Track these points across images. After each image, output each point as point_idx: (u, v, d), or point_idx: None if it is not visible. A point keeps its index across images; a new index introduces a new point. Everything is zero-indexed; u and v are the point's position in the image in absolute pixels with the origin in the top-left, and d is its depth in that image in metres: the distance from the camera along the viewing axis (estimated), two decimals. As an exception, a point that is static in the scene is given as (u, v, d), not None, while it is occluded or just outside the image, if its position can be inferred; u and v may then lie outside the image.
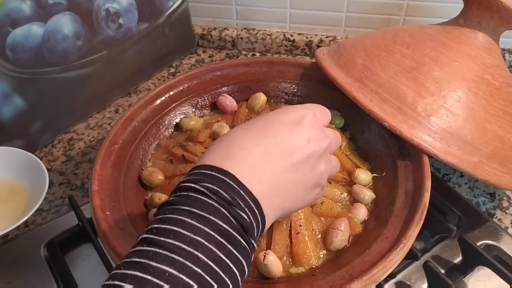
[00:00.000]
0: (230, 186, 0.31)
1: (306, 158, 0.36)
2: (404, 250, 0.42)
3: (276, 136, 0.35)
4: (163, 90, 0.61)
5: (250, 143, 0.35)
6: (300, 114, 0.38)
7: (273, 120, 0.37)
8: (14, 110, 0.66)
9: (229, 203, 0.31)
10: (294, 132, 0.36)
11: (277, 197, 0.35)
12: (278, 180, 0.35)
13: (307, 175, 0.37)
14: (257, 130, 0.36)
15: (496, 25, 0.52)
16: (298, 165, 0.36)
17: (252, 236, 0.32)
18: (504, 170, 0.49)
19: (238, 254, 0.30)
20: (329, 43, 0.88)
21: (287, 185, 0.35)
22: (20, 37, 0.62)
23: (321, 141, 0.37)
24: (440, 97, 0.49)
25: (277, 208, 0.35)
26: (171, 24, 0.85)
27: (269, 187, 0.34)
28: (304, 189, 0.37)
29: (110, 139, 0.53)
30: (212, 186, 0.31)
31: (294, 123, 0.37)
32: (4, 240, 0.59)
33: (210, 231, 0.29)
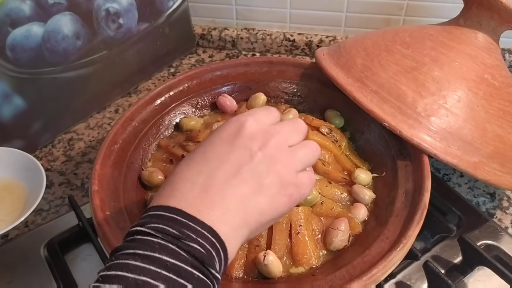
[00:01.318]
0: (177, 221, 0.30)
1: (254, 166, 0.34)
2: (404, 250, 0.42)
3: (218, 157, 0.34)
4: (163, 90, 0.61)
5: (193, 173, 0.34)
6: (237, 124, 0.36)
7: (213, 140, 0.36)
8: (14, 110, 0.66)
9: (177, 237, 0.30)
10: (233, 146, 0.35)
11: (234, 217, 0.33)
12: (231, 200, 0.33)
13: (263, 182, 0.35)
14: (198, 157, 0.35)
15: (496, 25, 0.52)
16: (248, 177, 0.34)
17: (211, 266, 0.30)
18: (504, 170, 0.49)
19: (194, 286, 0.28)
20: (329, 43, 0.88)
21: (242, 200, 0.33)
22: (20, 37, 0.62)
23: (268, 142, 0.36)
24: (440, 97, 0.49)
25: (239, 227, 0.33)
26: (171, 24, 0.85)
27: (222, 210, 0.32)
28: (269, 197, 0.35)
29: (110, 139, 0.53)
30: (158, 225, 0.30)
31: (232, 136, 0.35)
32: (4, 240, 0.59)
33: (156, 268, 0.28)
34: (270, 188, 0.35)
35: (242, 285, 0.44)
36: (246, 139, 0.35)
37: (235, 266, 0.45)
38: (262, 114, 0.38)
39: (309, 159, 0.39)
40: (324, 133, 0.56)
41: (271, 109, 0.39)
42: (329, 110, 0.60)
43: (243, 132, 0.35)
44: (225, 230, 0.32)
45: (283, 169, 0.36)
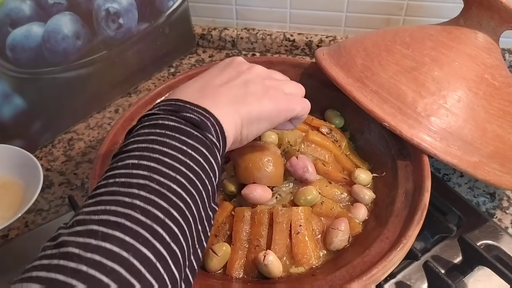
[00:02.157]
0: (176, 104, 0.37)
1: (242, 79, 0.42)
2: (404, 250, 0.42)
3: (212, 75, 0.42)
4: (163, 90, 0.61)
5: (191, 84, 0.41)
6: (230, 58, 0.45)
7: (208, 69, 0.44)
8: (14, 110, 0.66)
9: (175, 110, 0.36)
10: (226, 67, 0.44)
11: (226, 106, 0.38)
12: (222, 95, 0.39)
13: (250, 88, 0.41)
14: (196, 78, 0.43)
15: (496, 25, 0.52)
16: (237, 85, 0.41)
17: (206, 130, 0.35)
18: (504, 170, 0.49)
19: (194, 142, 0.34)
20: (329, 43, 0.88)
21: (233, 98, 0.39)
22: (20, 37, 0.62)
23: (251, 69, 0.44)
24: (440, 97, 0.49)
25: (232, 115, 0.38)
26: (171, 24, 0.85)
27: (215, 101, 0.38)
28: (257, 99, 0.40)
29: (110, 139, 0.53)
30: (160, 107, 0.37)
31: (225, 64, 0.44)
32: (4, 240, 0.59)
33: (161, 130, 0.34)
34: (256, 93, 0.41)
35: (242, 285, 0.44)
36: (236, 65, 0.44)
37: (235, 266, 0.45)
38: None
39: (294, 88, 0.46)
40: (324, 133, 0.56)
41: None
42: (329, 110, 0.60)
43: (234, 61, 0.44)
44: (219, 113, 0.37)
45: (269, 83, 0.43)
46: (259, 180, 0.48)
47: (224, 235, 0.47)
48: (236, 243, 0.46)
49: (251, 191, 0.47)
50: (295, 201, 0.49)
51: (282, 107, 0.42)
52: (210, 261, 0.45)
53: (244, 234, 0.46)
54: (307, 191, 0.48)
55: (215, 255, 0.45)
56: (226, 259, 0.46)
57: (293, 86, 0.46)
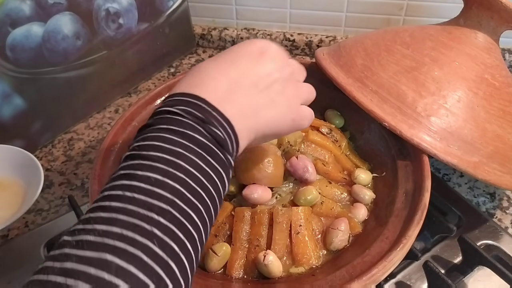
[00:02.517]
0: (202, 108, 0.34)
1: (271, 84, 0.39)
2: (404, 250, 0.42)
3: (243, 67, 0.38)
4: (163, 90, 0.61)
5: (219, 74, 0.37)
6: (263, 46, 0.41)
7: (239, 52, 0.40)
8: (14, 110, 0.66)
9: (203, 121, 0.33)
10: (258, 62, 0.39)
11: (247, 119, 0.37)
12: (248, 104, 0.37)
13: (275, 99, 0.39)
14: (224, 63, 0.39)
15: (496, 25, 0.52)
16: (265, 90, 0.38)
17: (227, 151, 0.34)
18: (504, 170, 0.49)
19: (217, 164, 0.33)
20: (329, 43, 0.88)
21: (257, 108, 0.38)
22: (20, 37, 0.62)
23: (284, 68, 0.40)
24: (440, 97, 0.49)
25: (250, 129, 0.37)
26: (171, 24, 0.85)
27: (239, 110, 0.36)
28: (277, 113, 0.39)
29: (110, 139, 0.53)
30: (186, 108, 0.33)
31: (258, 54, 0.40)
32: (4, 240, 0.59)
33: (188, 143, 0.32)
34: (278, 106, 0.39)
35: (242, 285, 0.44)
36: (269, 59, 0.40)
37: (235, 266, 0.45)
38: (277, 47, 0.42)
39: (308, 97, 0.43)
40: (324, 133, 0.56)
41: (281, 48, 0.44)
42: (329, 110, 0.60)
43: (268, 53, 0.40)
44: (239, 127, 0.35)
45: (291, 95, 0.40)
46: (259, 180, 0.48)
47: (224, 235, 0.47)
48: (236, 243, 0.46)
49: (252, 192, 0.47)
50: (295, 201, 0.49)
51: (296, 124, 0.41)
52: (210, 261, 0.45)
53: (244, 234, 0.46)
54: (307, 191, 0.48)
55: (215, 255, 0.45)
56: (226, 259, 0.46)
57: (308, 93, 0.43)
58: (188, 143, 0.31)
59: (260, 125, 0.38)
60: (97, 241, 0.26)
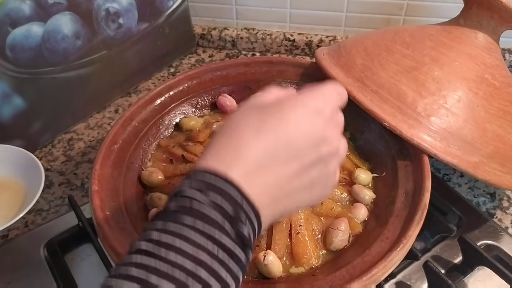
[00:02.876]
0: (233, 201, 0.30)
1: (315, 163, 0.34)
2: (404, 250, 0.42)
3: (287, 141, 0.33)
4: (163, 90, 0.61)
5: (260, 149, 0.32)
6: (317, 110, 0.35)
7: (287, 120, 0.34)
8: (14, 110, 0.66)
9: (232, 217, 0.30)
10: (306, 135, 0.34)
11: (277, 206, 0.34)
12: (282, 190, 0.34)
13: (314, 181, 0.35)
14: (269, 134, 0.33)
15: (496, 25, 0.52)
16: (306, 171, 0.34)
17: (249, 247, 0.31)
18: (504, 170, 0.49)
19: (237, 268, 0.30)
20: (329, 43, 0.88)
21: (291, 193, 0.34)
22: (20, 37, 0.62)
23: (335, 140, 0.36)
24: (440, 97, 0.49)
25: (276, 214, 0.35)
26: (171, 24, 0.85)
27: (272, 198, 0.33)
28: (309, 194, 0.36)
29: (110, 139, 0.53)
30: (216, 201, 0.30)
31: (310, 124, 0.34)
32: (4, 240, 0.59)
33: (213, 247, 0.29)
34: (314, 189, 0.36)
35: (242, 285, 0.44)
36: (319, 133, 0.34)
37: (235, 266, 0.45)
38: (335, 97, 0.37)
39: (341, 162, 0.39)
40: (324, 133, 0.56)
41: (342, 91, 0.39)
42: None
43: (319, 125, 0.34)
44: (266, 215, 0.33)
45: (331, 173, 0.37)
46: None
47: (224, 235, 0.47)
48: (236, 243, 0.46)
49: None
50: (295, 201, 0.49)
51: (318, 198, 0.38)
52: (210, 261, 0.45)
53: (244, 234, 0.46)
54: (307, 191, 0.48)
55: (215, 255, 0.45)
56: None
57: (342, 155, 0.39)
58: (212, 248, 0.29)
59: (288, 209, 0.35)
60: None
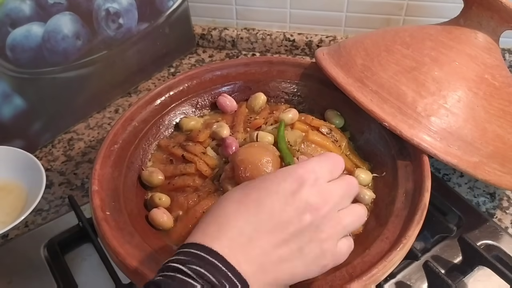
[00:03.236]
0: (217, 269, 0.31)
1: (301, 232, 0.34)
2: (404, 250, 0.42)
3: (270, 211, 0.34)
4: (163, 90, 0.61)
5: (242, 221, 0.34)
6: (299, 179, 0.35)
7: (269, 190, 0.35)
8: (14, 110, 0.66)
9: (215, 286, 0.30)
10: (287, 204, 0.34)
11: (267, 274, 0.34)
12: (269, 257, 0.34)
13: (304, 249, 0.35)
14: (250, 204, 0.34)
15: (496, 25, 0.52)
16: (291, 241, 0.34)
17: None
18: (504, 170, 0.49)
19: None
20: (329, 43, 0.88)
21: (280, 261, 0.34)
22: (20, 37, 0.62)
23: (320, 210, 0.35)
24: (440, 97, 0.49)
25: (269, 284, 0.34)
26: (171, 24, 0.85)
27: (259, 266, 0.33)
28: (305, 264, 0.35)
29: (110, 139, 0.53)
30: (199, 268, 0.31)
31: (290, 192, 0.35)
32: (4, 240, 0.59)
33: None
34: (307, 256, 0.35)
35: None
36: (302, 202, 0.35)
37: (235, 266, 0.45)
38: (325, 169, 0.37)
39: (353, 227, 0.39)
40: (324, 133, 0.56)
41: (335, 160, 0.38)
42: (329, 110, 0.60)
43: (301, 193, 0.35)
44: (256, 282, 0.33)
45: (326, 239, 0.36)
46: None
47: (224, 235, 0.47)
48: (236, 243, 0.46)
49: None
50: (295, 201, 0.49)
51: (328, 268, 0.37)
52: (210, 261, 0.45)
53: (244, 234, 0.46)
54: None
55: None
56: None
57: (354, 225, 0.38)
58: None
59: (282, 277, 0.34)
60: None
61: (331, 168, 0.37)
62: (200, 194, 0.51)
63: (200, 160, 0.53)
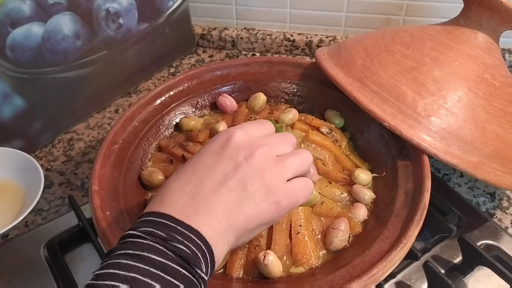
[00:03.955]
0: (165, 225, 0.33)
1: (240, 175, 0.36)
2: (404, 250, 0.42)
3: (205, 168, 0.37)
4: (163, 90, 0.61)
5: (181, 183, 0.36)
6: (226, 136, 0.38)
7: (201, 152, 0.38)
8: (14, 110, 0.66)
9: (165, 239, 0.32)
10: (220, 156, 0.37)
11: (220, 222, 0.35)
12: (216, 206, 0.35)
13: (248, 189, 0.36)
14: (187, 169, 0.38)
15: (496, 25, 0.52)
16: (233, 185, 0.36)
17: (197, 266, 0.32)
18: (504, 170, 0.49)
19: (180, 283, 0.31)
20: (329, 43, 0.88)
21: (228, 207, 0.35)
22: (20, 37, 0.62)
23: (253, 152, 0.37)
24: (440, 97, 0.49)
25: (226, 232, 0.35)
26: (171, 24, 0.85)
27: (208, 216, 0.34)
28: (254, 204, 0.36)
29: (110, 139, 0.53)
30: (148, 228, 0.32)
31: (220, 147, 0.38)
32: (4, 240, 0.59)
33: (144, 266, 0.30)
34: (255, 196, 0.36)
35: (242, 285, 0.44)
36: (233, 150, 0.37)
37: (235, 266, 0.45)
38: (252, 127, 0.40)
39: (299, 167, 0.39)
40: (324, 133, 0.56)
41: (263, 122, 0.41)
42: (329, 110, 0.60)
43: (230, 144, 0.37)
44: (211, 234, 0.34)
45: (269, 177, 0.37)
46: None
47: (224, 235, 0.47)
48: (236, 243, 0.46)
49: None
50: (295, 201, 0.49)
51: (284, 206, 0.38)
52: (210, 261, 0.45)
53: (244, 234, 0.46)
54: (307, 191, 0.48)
55: (215, 255, 0.45)
56: (226, 259, 0.46)
57: (298, 163, 0.39)
58: (144, 266, 0.30)
59: (237, 223, 0.36)
60: None
61: (258, 126, 0.40)
62: (200, 194, 0.51)
63: (200, 160, 0.53)
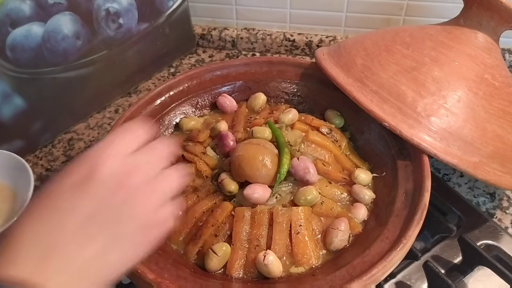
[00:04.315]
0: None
1: (106, 217, 0.30)
2: (404, 250, 0.42)
3: (63, 210, 0.30)
4: (163, 90, 0.61)
5: (33, 232, 0.29)
6: (89, 165, 0.31)
7: (60, 187, 0.31)
8: (14, 110, 0.66)
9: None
10: (83, 192, 0.30)
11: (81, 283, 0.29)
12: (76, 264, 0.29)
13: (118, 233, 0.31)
14: (44, 212, 0.30)
15: (496, 25, 0.52)
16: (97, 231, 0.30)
17: None
18: (504, 170, 0.49)
19: None
20: (329, 43, 0.88)
21: (92, 262, 0.30)
22: (20, 37, 0.62)
23: (123, 184, 0.31)
24: (440, 97, 0.49)
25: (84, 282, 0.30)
26: (171, 24, 0.85)
27: (66, 277, 0.28)
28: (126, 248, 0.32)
29: (110, 139, 0.53)
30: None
31: (83, 180, 0.31)
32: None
33: None
34: (126, 239, 0.31)
35: (242, 285, 0.44)
36: (98, 185, 0.31)
37: (235, 266, 0.45)
38: (118, 143, 0.33)
39: (172, 189, 0.35)
40: (324, 133, 0.56)
41: (131, 129, 0.35)
42: (329, 110, 0.60)
43: (95, 177, 0.31)
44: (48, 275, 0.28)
45: (142, 212, 0.32)
46: (255, 178, 0.48)
47: (224, 235, 0.47)
48: (236, 243, 0.46)
49: (253, 191, 0.47)
50: (295, 201, 0.49)
51: (159, 239, 0.33)
52: (210, 261, 0.45)
53: (244, 234, 0.46)
54: (307, 191, 0.48)
55: (215, 255, 0.45)
56: (226, 259, 0.46)
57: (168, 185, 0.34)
58: None
59: (103, 274, 0.30)
60: None
61: (126, 138, 0.33)
62: (200, 194, 0.51)
63: (200, 160, 0.53)
